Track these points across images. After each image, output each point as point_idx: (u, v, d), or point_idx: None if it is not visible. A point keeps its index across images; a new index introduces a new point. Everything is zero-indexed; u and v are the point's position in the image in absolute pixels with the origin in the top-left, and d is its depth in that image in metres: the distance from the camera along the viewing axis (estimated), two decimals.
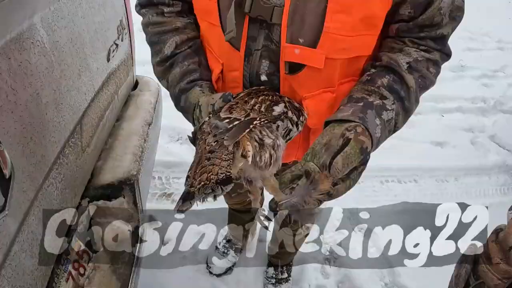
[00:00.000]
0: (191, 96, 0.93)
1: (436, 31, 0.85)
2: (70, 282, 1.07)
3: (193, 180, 0.73)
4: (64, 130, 1.06)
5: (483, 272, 0.79)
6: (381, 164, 2.72)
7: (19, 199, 0.84)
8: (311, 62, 0.83)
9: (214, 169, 0.72)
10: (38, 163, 0.92)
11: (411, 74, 0.85)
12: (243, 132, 0.75)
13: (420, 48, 0.87)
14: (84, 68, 1.17)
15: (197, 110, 0.90)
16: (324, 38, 0.80)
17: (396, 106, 0.84)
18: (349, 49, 0.83)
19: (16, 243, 0.83)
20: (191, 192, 0.71)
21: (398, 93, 0.84)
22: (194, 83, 0.95)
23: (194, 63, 0.97)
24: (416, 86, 0.86)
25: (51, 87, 0.98)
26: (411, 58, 0.85)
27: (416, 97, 0.87)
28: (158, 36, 0.99)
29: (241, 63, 0.89)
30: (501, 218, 2.58)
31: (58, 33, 1.01)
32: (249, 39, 0.86)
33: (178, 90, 0.96)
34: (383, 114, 0.82)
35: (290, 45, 0.82)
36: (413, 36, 0.86)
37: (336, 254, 2.17)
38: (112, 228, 1.24)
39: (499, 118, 3.36)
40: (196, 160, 0.77)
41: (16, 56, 0.83)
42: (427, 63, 0.87)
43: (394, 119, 0.84)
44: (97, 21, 1.27)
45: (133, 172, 1.34)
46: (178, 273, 1.95)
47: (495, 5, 5.41)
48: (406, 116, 0.88)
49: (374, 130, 0.79)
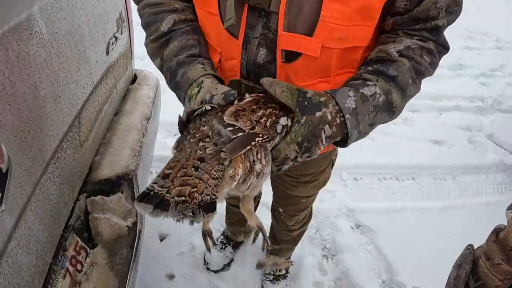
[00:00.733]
0: (191, 72, 0.87)
1: (431, 23, 0.84)
2: (68, 278, 1.05)
3: (171, 184, 0.64)
4: (62, 123, 1.04)
5: (484, 273, 0.78)
6: (379, 162, 2.73)
7: (16, 194, 0.82)
8: (307, 50, 0.83)
9: (200, 186, 0.64)
10: (36, 157, 0.90)
11: (403, 58, 0.84)
12: (244, 149, 0.70)
13: (413, 38, 0.86)
14: (83, 61, 1.15)
15: (195, 88, 0.84)
16: (320, 27, 0.80)
17: (381, 83, 0.82)
18: (345, 39, 0.83)
19: (13, 239, 0.81)
20: (166, 201, 0.62)
21: (385, 73, 0.83)
22: (195, 59, 0.90)
23: (193, 39, 0.93)
24: (410, 65, 0.84)
25: (50, 79, 0.95)
26: (401, 46, 0.84)
27: (412, 76, 0.85)
28: (155, 16, 0.95)
29: (239, 51, 0.89)
30: (499, 216, 2.60)
31: (57, 25, 0.99)
32: (248, 27, 0.86)
33: (175, 63, 0.90)
34: (362, 89, 0.81)
35: (286, 33, 0.82)
36: (407, 28, 0.86)
37: (334, 251, 2.17)
38: (109, 224, 1.22)
39: (497, 117, 3.37)
40: (181, 160, 0.69)
41: (14, 47, 0.81)
42: (421, 51, 0.85)
43: (383, 95, 0.82)
44: (97, 13, 1.24)
45: (131, 167, 1.32)
46: (175, 269, 1.94)
47: (494, 5, 5.42)
48: (403, 95, 0.85)
49: (342, 99, 0.78)
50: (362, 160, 2.71)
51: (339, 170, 2.61)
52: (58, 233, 1.06)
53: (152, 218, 0.63)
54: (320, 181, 1.38)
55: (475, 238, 2.51)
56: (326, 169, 1.34)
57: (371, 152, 2.81)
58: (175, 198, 0.62)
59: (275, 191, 1.54)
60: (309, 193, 1.45)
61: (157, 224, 2.13)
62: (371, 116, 0.82)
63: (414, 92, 0.88)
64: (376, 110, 0.82)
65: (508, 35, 4.68)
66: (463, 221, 2.42)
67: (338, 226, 2.29)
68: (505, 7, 5.56)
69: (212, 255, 2.00)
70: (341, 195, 2.49)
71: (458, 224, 2.40)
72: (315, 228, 2.27)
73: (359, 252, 2.17)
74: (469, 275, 0.81)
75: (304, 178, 1.33)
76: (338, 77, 0.92)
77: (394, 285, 2.05)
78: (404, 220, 2.38)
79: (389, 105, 0.84)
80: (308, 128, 0.75)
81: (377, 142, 2.92)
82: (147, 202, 0.63)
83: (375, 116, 0.83)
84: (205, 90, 0.82)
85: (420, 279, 2.07)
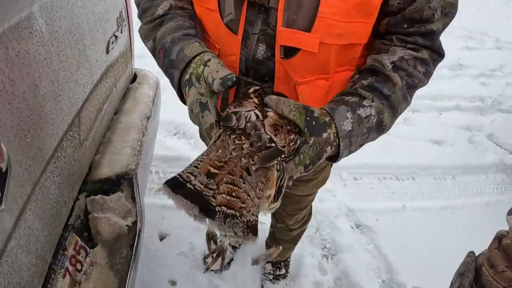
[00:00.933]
0: (188, 49, 0.82)
1: (426, 27, 0.83)
2: (67, 278, 1.05)
3: (217, 191, 0.58)
4: (62, 122, 1.03)
5: (488, 281, 0.77)
6: (379, 162, 2.73)
7: (16, 193, 0.82)
8: (305, 46, 0.82)
9: (248, 203, 0.58)
10: (35, 157, 0.90)
11: (396, 73, 0.84)
12: (271, 162, 0.67)
13: (407, 47, 0.86)
14: (83, 60, 1.15)
15: (201, 66, 0.78)
16: (318, 23, 0.80)
17: (376, 103, 0.82)
18: (344, 35, 0.83)
19: (13, 238, 0.81)
20: (211, 206, 0.56)
21: (380, 91, 0.83)
22: (191, 37, 0.86)
23: (189, 23, 0.90)
24: (403, 83, 0.84)
25: (50, 78, 0.95)
26: (396, 57, 0.84)
27: (404, 94, 0.85)
28: (151, 2, 0.94)
29: (239, 47, 0.88)
30: (499, 216, 2.59)
31: (57, 23, 0.99)
32: (247, 23, 0.86)
33: (170, 40, 0.86)
34: (359, 110, 0.81)
35: (285, 29, 0.82)
36: (401, 32, 0.85)
37: (334, 251, 2.17)
38: (109, 223, 1.22)
39: (496, 117, 3.37)
40: (228, 163, 0.63)
41: (14, 45, 0.80)
42: (414, 61, 0.85)
43: (376, 116, 0.83)
44: (97, 12, 1.24)
45: (131, 166, 1.32)
46: (175, 269, 1.94)
47: (494, 5, 5.42)
48: (393, 114, 0.86)
49: (340, 121, 0.78)
50: (362, 160, 2.71)
51: (339, 170, 2.61)
52: (58, 232, 1.06)
53: (186, 216, 0.56)
54: (319, 180, 1.38)
55: (475, 238, 2.52)
56: (326, 167, 1.34)
57: (371, 152, 2.80)
58: (222, 208, 0.56)
59: None
60: (308, 192, 1.45)
61: (157, 223, 2.13)
62: (363, 137, 0.83)
63: (404, 109, 0.89)
64: (369, 131, 0.83)
65: (508, 35, 4.68)
66: (463, 221, 2.43)
67: (338, 225, 2.29)
68: (505, 7, 5.56)
69: None
70: (341, 194, 2.49)
71: (458, 224, 2.40)
72: (315, 228, 2.27)
73: (359, 252, 2.17)
74: (472, 283, 0.80)
75: (303, 176, 1.33)
76: (337, 74, 0.92)
77: (394, 284, 2.05)
78: (404, 220, 2.38)
79: (380, 124, 0.85)
80: (315, 150, 0.75)
81: (377, 142, 2.89)
82: (186, 198, 0.57)
83: (367, 138, 0.85)
84: (208, 70, 0.76)
85: (420, 278, 2.07)
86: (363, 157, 2.73)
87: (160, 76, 1.36)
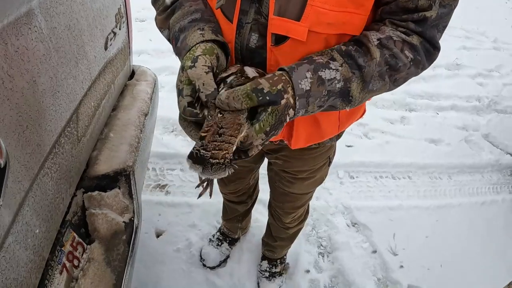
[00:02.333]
0: (189, 38, 0.86)
1: (419, 14, 0.82)
2: (64, 274, 1.05)
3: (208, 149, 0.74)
4: (60, 119, 1.03)
5: None
6: (375, 160, 2.74)
7: (14, 189, 0.82)
8: (294, 34, 0.83)
9: (230, 150, 0.74)
10: (33, 152, 0.90)
11: (379, 49, 0.82)
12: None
13: (398, 29, 0.84)
14: (81, 56, 1.15)
15: (189, 62, 0.81)
16: (308, 11, 0.80)
17: (345, 69, 0.81)
18: (334, 25, 0.82)
19: (10, 234, 0.81)
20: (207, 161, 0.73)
21: (355, 59, 0.82)
22: (195, 24, 0.90)
23: (196, 5, 0.94)
24: (382, 60, 0.83)
25: (48, 74, 0.95)
26: (383, 35, 0.83)
27: (381, 72, 0.84)
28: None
29: (233, 35, 0.90)
30: (494, 216, 2.63)
31: (56, 19, 0.99)
32: (241, 13, 0.87)
33: (177, 28, 0.91)
34: (322, 71, 0.80)
35: (276, 18, 0.83)
36: (394, 18, 0.85)
37: (330, 249, 2.18)
38: (106, 220, 1.22)
39: (493, 117, 3.38)
40: (211, 124, 0.77)
41: (13, 41, 0.80)
42: (402, 44, 0.84)
43: (342, 82, 0.81)
44: (96, 8, 1.24)
45: (129, 163, 1.32)
46: (171, 266, 1.95)
47: (491, 5, 5.44)
48: (363, 87, 0.84)
49: (298, 79, 0.78)
50: (359, 158, 2.72)
51: (336, 168, 2.62)
52: (55, 228, 1.06)
53: None
54: (317, 178, 1.38)
55: (470, 237, 2.55)
56: (323, 166, 1.35)
57: (368, 150, 2.82)
58: (211, 161, 0.73)
59: (272, 188, 1.55)
60: (306, 190, 1.45)
61: (154, 220, 2.13)
62: (322, 99, 0.82)
63: (379, 89, 0.87)
64: (330, 95, 0.82)
65: (505, 35, 4.70)
66: (459, 220, 2.44)
67: (334, 223, 2.30)
68: (503, 8, 5.58)
69: (209, 251, 2.00)
70: (337, 192, 2.50)
71: (453, 223, 2.42)
72: (311, 226, 2.28)
73: (355, 250, 2.19)
74: None
75: (301, 174, 1.33)
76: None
77: (390, 283, 2.06)
78: (400, 218, 2.39)
79: (346, 93, 0.83)
80: (275, 116, 0.76)
81: (373, 140, 2.93)
82: (195, 163, 0.73)
83: (327, 100, 0.83)
84: (196, 74, 0.79)
85: (415, 277, 2.08)
86: (360, 155, 2.75)
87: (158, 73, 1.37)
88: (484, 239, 2.35)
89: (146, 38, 3.19)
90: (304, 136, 1.07)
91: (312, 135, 1.08)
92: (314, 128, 1.06)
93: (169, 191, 2.33)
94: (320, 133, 1.08)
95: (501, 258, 2.25)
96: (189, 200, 2.26)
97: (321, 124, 1.05)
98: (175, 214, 2.19)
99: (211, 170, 0.73)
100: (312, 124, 1.04)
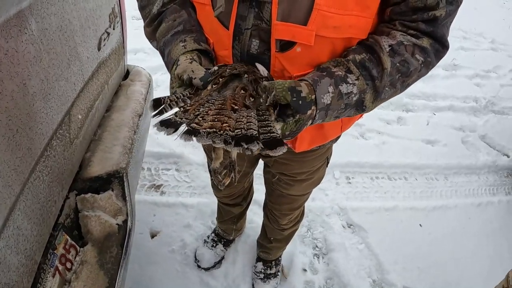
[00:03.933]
0: (173, 52, 0.90)
1: (429, 13, 0.83)
2: (57, 277, 1.04)
3: (203, 120, 0.69)
4: (51, 121, 1.02)
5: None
6: (371, 161, 2.74)
7: (4, 194, 0.81)
8: (301, 39, 0.82)
9: (230, 124, 0.70)
10: (24, 156, 0.89)
11: (391, 57, 0.83)
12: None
13: (408, 32, 0.85)
14: (73, 57, 1.13)
15: (175, 68, 0.86)
16: (314, 15, 0.79)
17: (361, 82, 0.82)
18: (340, 28, 0.82)
19: (1, 239, 0.80)
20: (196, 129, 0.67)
21: (368, 71, 0.83)
22: (177, 37, 0.92)
23: (179, 16, 0.95)
24: (393, 69, 0.84)
25: (39, 76, 0.94)
26: (394, 41, 0.84)
27: (393, 81, 0.85)
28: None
29: (230, 42, 0.89)
30: (490, 217, 2.63)
31: (47, 20, 0.97)
32: (239, 18, 0.86)
33: (162, 43, 0.95)
34: (342, 86, 0.82)
35: (280, 23, 0.82)
36: (404, 19, 0.85)
37: (325, 250, 2.17)
38: (99, 222, 1.21)
39: (490, 118, 3.39)
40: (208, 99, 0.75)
41: (3, 44, 0.79)
42: (413, 48, 0.85)
43: (358, 95, 0.83)
44: (88, 8, 1.23)
45: (122, 164, 1.31)
46: (166, 267, 1.94)
47: (489, 6, 5.44)
48: (376, 97, 0.86)
49: (321, 94, 0.79)
50: (355, 159, 2.72)
51: (332, 169, 2.62)
52: (48, 231, 1.05)
53: None
54: (315, 180, 1.38)
55: (466, 238, 2.54)
56: (321, 168, 1.34)
57: (364, 151, 2.81)
58: (206, 130, 0.68)
59: (269, 189, 1.54)
60: (303, 192, 1.45)
61: (148, 220, 2.12)
62: (339, 111, 0.84)
63: (391, 95, 0.89)
64: (346, 107, 0.84)
65: (503, 36, 4.71)
66: (455, 221, 2.44)
67: (329, 225, 2.30)
68: (501, 9, 5.58)
69: (203, 252, 2.00)
70: (333, 193, 2.49)
71: (449, 224, 2.42)
72: (307, 227, 2.28)
73: (350, 251, 2.18)
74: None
75: (299, 176, 1.33)
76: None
77: (385, 284, 2.06)
78: (395, 219, 2.39)
79: (360, 103, 0.85)
80: (298, 124, 0.78)
81: (370, 141, 2.93)
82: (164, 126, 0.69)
83: (343, 112, 0.85)
84: (181, 68, 0.83)
85: (410, 278, 2.08)
86: (356, 156, 2.74)
87: (154, 72, 1.35)
88: (480, 241, 2.35)
89: (142, 36, 3.20)
90: (308, 139, 1.07)
91: (315, 138, 1.08)
92: (317, 131, 1.06)
93: (164, 191, 2.32)
94: (323, 135, 1.09)
95: (497, 259, 2.26)
96: (184, 200, 2.25)
97: (325, 126, 1.05)
98: (170, 214, 2.18)
99: (206, 137, 0.67)
100: (316, 126, 1.03)
